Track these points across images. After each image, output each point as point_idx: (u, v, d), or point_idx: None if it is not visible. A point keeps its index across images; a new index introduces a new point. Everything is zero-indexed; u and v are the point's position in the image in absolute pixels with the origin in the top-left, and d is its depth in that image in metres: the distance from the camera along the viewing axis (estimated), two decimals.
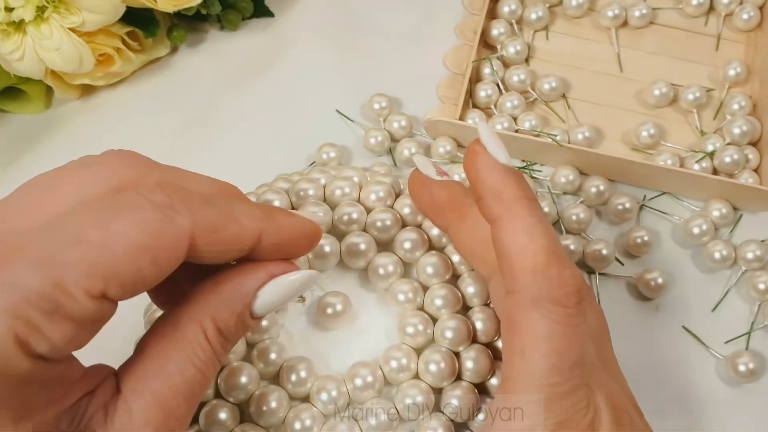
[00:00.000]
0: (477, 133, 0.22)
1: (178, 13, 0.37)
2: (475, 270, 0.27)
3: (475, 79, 0.39)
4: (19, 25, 0.33)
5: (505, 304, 0.21)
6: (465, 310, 0.27)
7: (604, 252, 0.34)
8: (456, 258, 0.28)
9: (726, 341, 0.33)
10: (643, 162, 0.35)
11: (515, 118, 0.37)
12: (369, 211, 0.29)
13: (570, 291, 0.20)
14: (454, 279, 0.28)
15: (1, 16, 0.31)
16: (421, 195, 0.27)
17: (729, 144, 0.36)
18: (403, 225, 0.29)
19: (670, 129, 0.38)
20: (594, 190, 0.35)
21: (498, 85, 0.38)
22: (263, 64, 0.40)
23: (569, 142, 0.36)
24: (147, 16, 0.37)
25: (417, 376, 0.26)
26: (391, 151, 0.37)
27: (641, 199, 0.36)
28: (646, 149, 0.37)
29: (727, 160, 0.35)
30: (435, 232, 0.28)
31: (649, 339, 0.33)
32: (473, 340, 0.26)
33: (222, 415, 0.25)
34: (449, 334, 0.26)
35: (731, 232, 0.36)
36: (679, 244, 0.36)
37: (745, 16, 0.40)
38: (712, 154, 0.36)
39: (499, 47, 0.39)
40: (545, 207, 0.35)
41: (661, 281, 0.33)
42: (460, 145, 0.37)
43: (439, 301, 0.26)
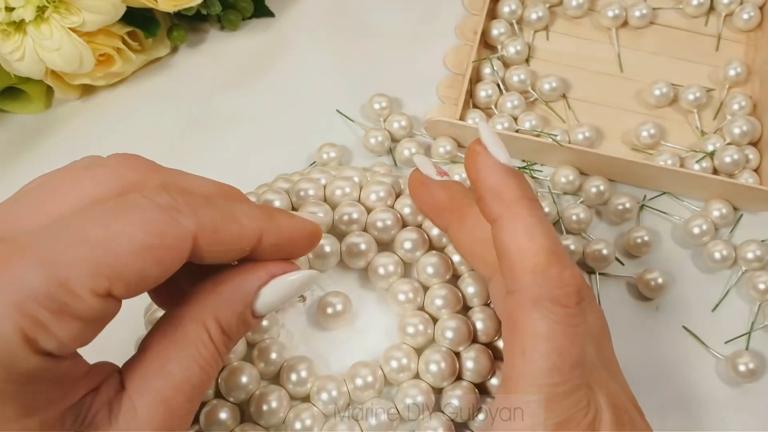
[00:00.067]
0: (477, 133, 0.22)
1: (178, 13, 0.37)
2: (475, 270, 0.27)
3: (476, 79, 0.39)
4: (19, 25, 0.33)
5: (506, 304, 0.21)
6: (465, 310, 0.27)
7: (605, 252, 0.34)
8: (456, 258, 0.28)
9: (726, 341, 0.33)
10: (644, 162, 0.35)
11: (515, 118, 0.37)
12: (369, 211, 0.29)
13: (570, 291, 0.20)
14: (455, 279, 0.28)
15: (1, 16, 0.31)
16: (421, 195, 0.27)
17: (729, 144, 0.36)
18: (404, 225, 0.28)
19: (670, 129, 0.38)
20: (594, 190, 0.35)
21: (498, 85, 0.38)
22: (263, 64, 0.40)
23: (569, 142, 0.36)
24: (147, 16, 0.37)
25: (417, 376, 0.26)
26: (391, 151, 0.37)
27: (641, 199, 0.36)
28: (646, 149, 0.37)
29: (728, 160, 0.35)
30: (435, 232, 0.28)
31: (649, 339, 0.33)
32: (473, 340, 0.26)
33: (222, 415, 0.25)
34: (449, 334, 0.26)
35: (731, 232, 0.36)
36: (679, 244, 0.36)
37: (746, 16, 0.40)
38: (712, 154, 0.36)
39: (499, 47, 0.39)
40: (545, 207, 0.35)
41: (661, 281, 0.33)
42: (461, 145, 0.37)
43: (439, 301, 0.26)
